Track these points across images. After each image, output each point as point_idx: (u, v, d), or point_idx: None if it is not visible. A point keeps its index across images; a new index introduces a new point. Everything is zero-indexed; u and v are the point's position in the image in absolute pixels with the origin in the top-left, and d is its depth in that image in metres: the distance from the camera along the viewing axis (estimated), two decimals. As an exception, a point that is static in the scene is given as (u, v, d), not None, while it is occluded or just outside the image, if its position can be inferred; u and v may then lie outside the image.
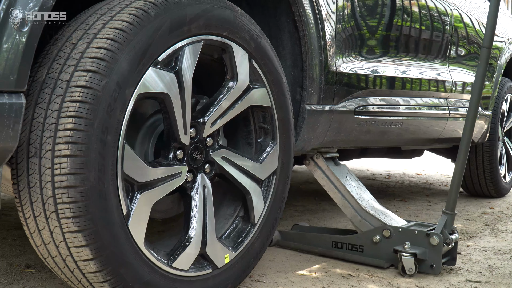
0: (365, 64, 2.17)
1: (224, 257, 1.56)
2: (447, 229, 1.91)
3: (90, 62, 1.21)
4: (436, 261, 1.89)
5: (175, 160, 1.45)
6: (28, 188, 1.24)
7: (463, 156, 1.91)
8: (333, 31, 1.97)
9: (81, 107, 1.19)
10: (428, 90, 2.61)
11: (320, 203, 3.24)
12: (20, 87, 1.15)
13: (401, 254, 1.89)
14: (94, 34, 1.25)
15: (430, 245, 1.89)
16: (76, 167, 1.18)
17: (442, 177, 4.68)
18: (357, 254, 2.03)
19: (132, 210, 1.31)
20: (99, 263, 1.24)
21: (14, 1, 1.14)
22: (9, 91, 1.14)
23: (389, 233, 1.97)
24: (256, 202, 1.66)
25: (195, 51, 1.43)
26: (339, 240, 2.07)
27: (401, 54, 2.42)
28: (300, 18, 1.82)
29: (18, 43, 1.14)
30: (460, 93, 2.90)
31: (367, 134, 2.27)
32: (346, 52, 2.06)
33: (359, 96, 2.16)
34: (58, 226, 1.22)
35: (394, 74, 2.35)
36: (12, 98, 1.14)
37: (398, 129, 2.44)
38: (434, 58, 2.67)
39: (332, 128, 2.05)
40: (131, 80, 1.26)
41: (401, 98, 2.41)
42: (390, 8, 2.31)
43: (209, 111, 1.53)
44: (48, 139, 1.19)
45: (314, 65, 1.89)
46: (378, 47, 2.28)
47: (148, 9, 1.30)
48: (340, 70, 2.02)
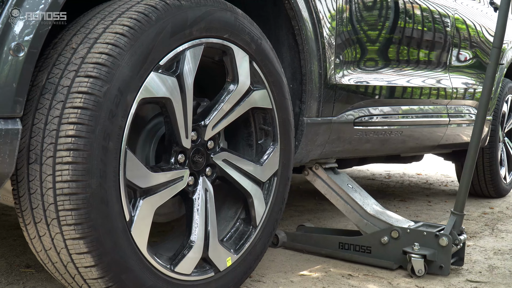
0: (364, 75, 2.17)
1: (226, 260, 1.56)
2: (456, 229, 1.90)
3: (91, 68, 1.20)
4: (445, 262, 1.88)
5: (177, 164, 1.44)
6: (29, 194, 1.23)
7: (472, 161, 1.90)
8: (332, 44, 1.96)
9: (83, 114, 1.17)
10: (429, 98, 2.61)
11: (320, 203, 3.24)
12: (16, 112, 1.14)
13: (410, 255, 1.88)
14: (95, 39, 1.24)
15: (439, 246, 1.88)
16: (78, 174, 1.17)
17: (442, 177, 4.69)
18: (365, 255, 2.02)
19: (135, 216, 1.30)
20: (100, 269, 1.24)
21: (9, 28, 1.12)
22: (5, 117, 1.13)
23: (397, 234, 1.96)
24: (258, 205, 1.66)
25: (196, 54, 1.41)
26: (346, 241, 2.05)
27: (402, 65, 2.41)
28: (300, 32, 1.81)
29: (14, 68, 1.13)
30: (460, 99, 2.90)
31: (366, 144, 2.26)
32: (345, 64, 2.05)
33: (358, 107, 2.15)
34: (59, 233, 1.21)
35: (394, 84, 2.34)
36: (8, 124, 1.13)
37: (398, 138, 2.44)
38: (434, 67, 2.67)
39: (331, 140, 2.04)
40: (133, 86, 1.25)
41: (401, 107, 2.41)
42: (389, 21, 2.30)
43: (210, 114, 1.52)
44: (49, 146, 1.18)
45: (314, 78, 1.88)
46: (377, 59, 2.27)
47: (149, 13, 1.29)
48: (339, 82, 2.01)
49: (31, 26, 1.15)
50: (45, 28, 1.16)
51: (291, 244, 2.18)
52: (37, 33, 1.15)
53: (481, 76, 3.14)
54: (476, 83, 3.08)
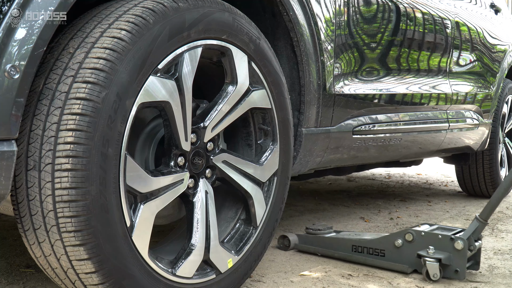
0: (363, 85, 2.16)
1: (227, 262, 1.55)
2: (475, 236, 1.85)
3: (89, 73, 1.18)
4: (460, 266, 1.83)
5: (176, 167, 1.43)
6: (28, 201, 1.22)
7: None
8: (331, 55, 1.95)
9: (81, 120, 1.16)
10: (428, 104, 2.60)
11: (320, 203, 3.23)
12: (11, 134, 1.13)
13: (425, 259, 1.83)
14: (92, 43, 1.22)
15: (455, 250, 1.83)
16: (77, 181, 1.16)
17: (442, 177, 4.68)
18: (379, 258, 1.97)
19: (136, 222, 1.29)
20: (101, 275, 1.23)
21: (4, 48, 1.11)
22: (0, 138, 1.12)
23: (412, 237, 1.91)
24: (258, 205, 1.65)
25: (194, 56, 1.40)
26: (360, 244, 2.01)
27: (402, 73, 2.39)
28: (299, 44, 1.80)
29: (10, 90, 1.11)
30: (460, 103, 2.89)
31: (365, 152, 2.26)
32: (344, 74, 2.04)
33: (358, 115, 2.14)
34: (59, 240, 1.20)
35: (394, 92, 2.33)
36: (3, 146, 1.12)
37: (397, 145, 2.43)
38: (435, 73, 2.65)
39: (329, 149, 2.03)
40: (132, 90, 1.24)
41: (399, 114, 2.40)
42: (388, 31, 2.29)
43: (209, 115, 1.50)
44: (48, 152, 1.17)
45: (312, 89, 1.87)
46: (376, 68, 2.25)
47: (147, 16, 1.27)
48: (338, 92, 2.00)
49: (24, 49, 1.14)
50: (41, 48, 1.15)
51: (304, 247, 2.13)
52: (31, 58, 1.14)
53: (481, 80, 3.13)
54: (476, 87, 3.07)
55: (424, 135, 2.62)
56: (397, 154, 2.55)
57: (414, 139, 2.56)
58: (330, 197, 3.48)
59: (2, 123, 1.11)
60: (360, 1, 2.11)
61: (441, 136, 2.76)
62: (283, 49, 1.85)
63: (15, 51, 1.12)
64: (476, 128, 3.08)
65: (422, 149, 2.72)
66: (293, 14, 1.76)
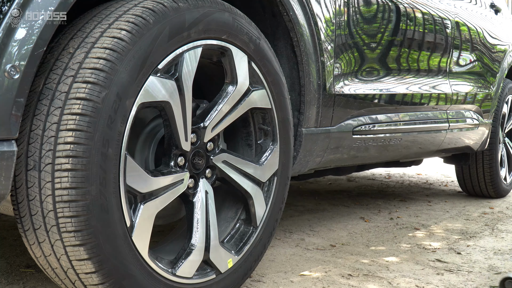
0: (363, 85, 2.16)
1: (227, 262, 1.56)
2: None
3: (89, 73, 1.18)
4: None
5: (176, 167, 1.43)
6: (28, 201, 1.22)
7: None
8: (331, 55, 1.95)
9: (81, 120, 1.16)
10: (428, 104, 2.60)
11: (320, 203, 3.23)
12: (11, 134, 1.13)
13: None
14: (92, 43, 1.22)
15: None
16: (77, 181, 1.16)
17: (442, 177, 4.67)
18: None
19: (136, 222, 1.29)
20: (101, 275, 1.23)
21: (4, 48, 1.11)
22: (0, 138, 1.12)
23: None
24: (258, 205, 1.65)
25: (194, 56, 1.40)
26: None
27: (402, 73, 2.39)
28: (299, 44, 1.80)
29: (10, 90, 1.11)
30: (460, 103, 2.89)
31: (365, 152, 2.26)
32: (344, 74, 2.04)
33: (358, 115, 2.14)
34: (59, 240, 1.20)
35: (394, 92, 2.32)
36: (4, 146, 1.12)
37: (397, 145, 2.43)
38: (435, 73, 2.65)
39: (329, 149, 2.03)
40: (132, 91, 1.24)
41: (399, 114, 2.40)
42: (388, 31, 2.29)
43: (209, 115, 1.50)
44: (48, 153, 1.17)
45: (312, 89, 1.87)
46: (376, 68, 2.25)
47: (147, 16, 1.27)
48: (338, 92, 2.00)
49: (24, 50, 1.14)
50: (41, 49, 1.15)
51: None
52: (31, 58, 1.14)
53: (481, 80, 3.13)
54: (476, 87, 3.07)
55: (424, 135, 2.62)
56: (397, 154, 2.55)
57: (414, 139, 2.56)
58: (330, 197, 3.48)
59: (2, 123, 1.11)
60: (360, 1, 2.11)
61: (441, 136, 2.76)
62: (283, 49, 1.85)
63: (15, 51, 1.12)
64: (476, 128, 3.09)
65: (422, 149, 2.72)
66: (293, 14, 1.76)
